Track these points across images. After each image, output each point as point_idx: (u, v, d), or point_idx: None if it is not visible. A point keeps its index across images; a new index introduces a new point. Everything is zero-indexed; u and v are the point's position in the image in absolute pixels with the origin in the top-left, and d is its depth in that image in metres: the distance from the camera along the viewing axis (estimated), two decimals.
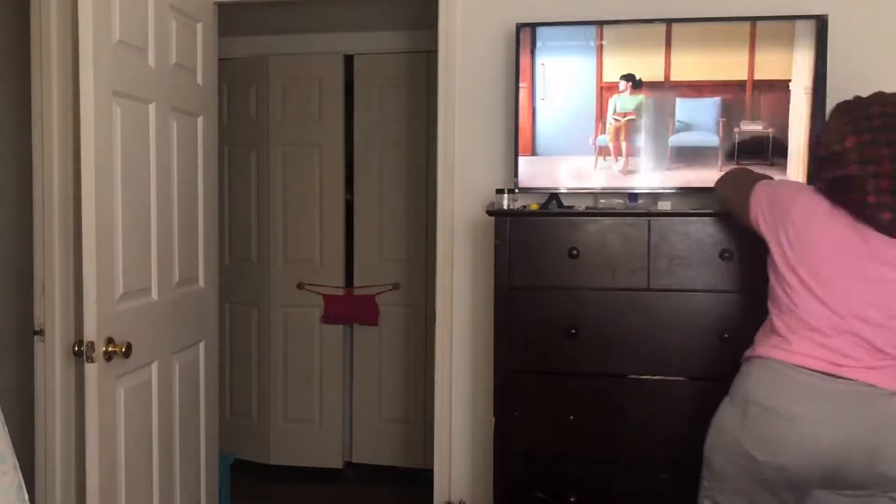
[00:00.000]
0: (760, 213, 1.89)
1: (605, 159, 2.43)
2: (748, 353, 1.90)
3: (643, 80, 2.39)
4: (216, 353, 2.84)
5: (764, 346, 1.85)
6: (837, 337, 1.75)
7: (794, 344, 1.79)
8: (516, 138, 2.47)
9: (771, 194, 1.91)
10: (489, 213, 2.36)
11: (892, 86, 2.44)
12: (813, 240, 1.80)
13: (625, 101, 2.41)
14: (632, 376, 2.26)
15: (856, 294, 1.75)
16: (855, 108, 1.80)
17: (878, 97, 1.82)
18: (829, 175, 1.79)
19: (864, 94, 2.39)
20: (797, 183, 1.95)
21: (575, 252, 2.25)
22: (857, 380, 1.73)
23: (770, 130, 2.35)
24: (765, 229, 1.88)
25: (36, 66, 2.61)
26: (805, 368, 1.76)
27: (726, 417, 1.85)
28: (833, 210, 1.79)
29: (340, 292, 3.97)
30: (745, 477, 1.80)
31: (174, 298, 2.46)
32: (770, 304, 1.89)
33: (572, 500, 2.27)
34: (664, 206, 2.40)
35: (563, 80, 2.44)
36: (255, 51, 3.97)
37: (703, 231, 2.21)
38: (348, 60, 3.93)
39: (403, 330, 3.96)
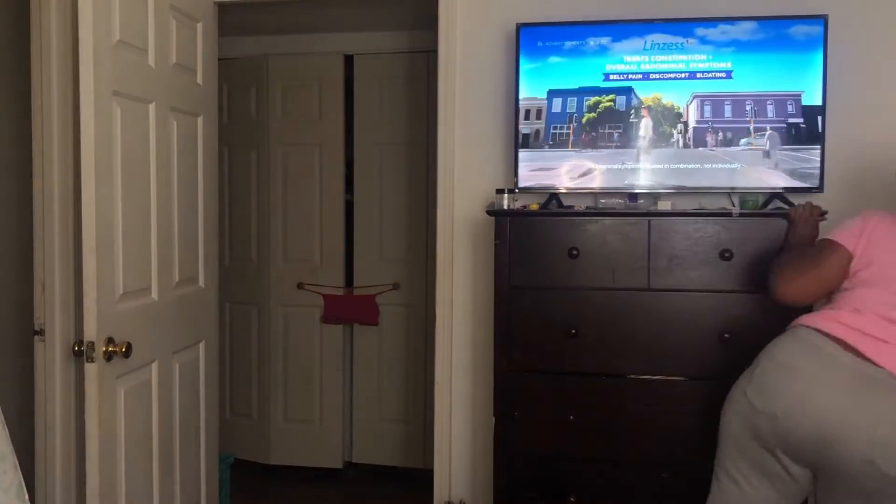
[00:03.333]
0: (845, 238, 1.89)
1: None
2: (795, 321, 1.90)
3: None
4: (216, 353, 2.84)
5: (809, 317, 1.86)
6: (875, 317, 1.76)
7: (831, 314, 1.81)
8: (516, 138, 2.47)
9: (841, 229, 1.92)
10: (489, 213, 2.36)
11: (892, 86, 2.45)
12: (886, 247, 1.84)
13: None
14: (632, 376, 2.26)
15: None
16: None
17: None
18: None
19: (864, 93, 2.40)
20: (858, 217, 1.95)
21: (575, 252, 2.25)
22: (881, 366, 1.71)
23: None
24: (857, 242, 1.89)
25: (36, 66, 2.61)
26: (834, 338, 1.75)
27: (739, 380, 1.87)
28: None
29: (340, 292, 3.97)
30: (748, 436, 1.80)
31: (174, 298, 2.46)
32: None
33: (572, 499, 2.27)
34: (664, 206, 2.40)
35: None
36: (255, 51, 3.96)
37: (703, 231, 2.21)
38: (348, 60, 3.93)
39: (403, 330, 3.96)
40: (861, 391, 1.70)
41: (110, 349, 2.06)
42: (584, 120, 2.44)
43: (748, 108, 2.37)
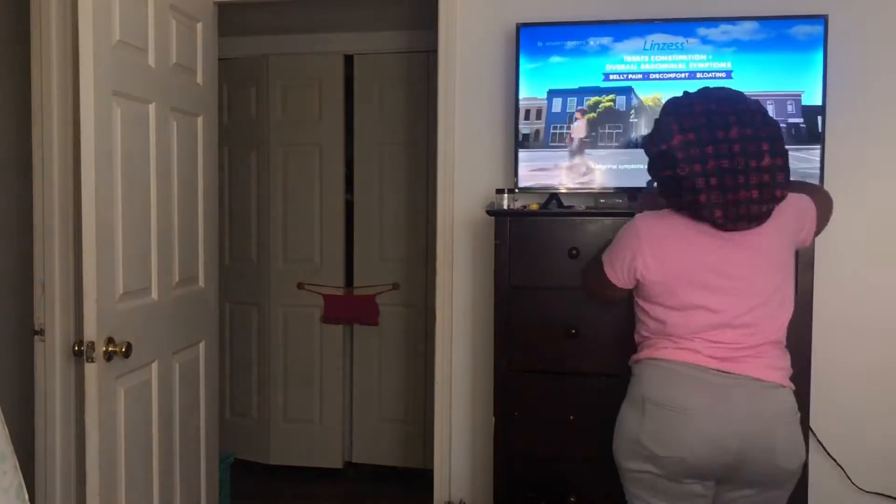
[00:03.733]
0: (619, 270, 1.90)
1: None
2: (634, 357, 1.94)
3: None
4: (216, 353, 2.84)
5: (649, 350, 1.88)
6: (717, 333, 1.79)
7: (679, 344, 1.82)
8: (516, 138, 2.47)
9: (613, 253, 1.92)
10: (489, 213, 2.36)
11: (892, 85, 2.45)
12: (669, 258, 1.83)
13: None
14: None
15: (723, 292, 1.80)
16: (680, 106, 1.81)
17: (703, 93, 1.83)
18: (660, 175, 1.82)
19: (864, 94, 2.40)
20: (627, 226, 1.94)
21: (575, 252, 2.25)
22: (742, 374, 1.77)
23: None
24: (625, 276, 1.89)
25: (36, 66, 2.61)
26: (694, 365, 1.79)
27: (626, 419, 1.87)
28: (674, 224, 1.83)
29: (340, 292, 3.97)
30: (651, 472, 1.81)
31: (174, 298, 2.46)
32: (639, 322, 1.94)
33: (572, 500, 2.27)
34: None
35: None
36: (255, 51, 3.96)
37: None
38: (348, 60, 3.93)
39: (403, 330, 3.96)
40: (747, 406, 1.76)
41: (110, 349, 2.06)
42: (584, 120, 2.44)
43: None
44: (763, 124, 1.75)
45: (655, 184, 1.90)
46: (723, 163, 1.71)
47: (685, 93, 1.86)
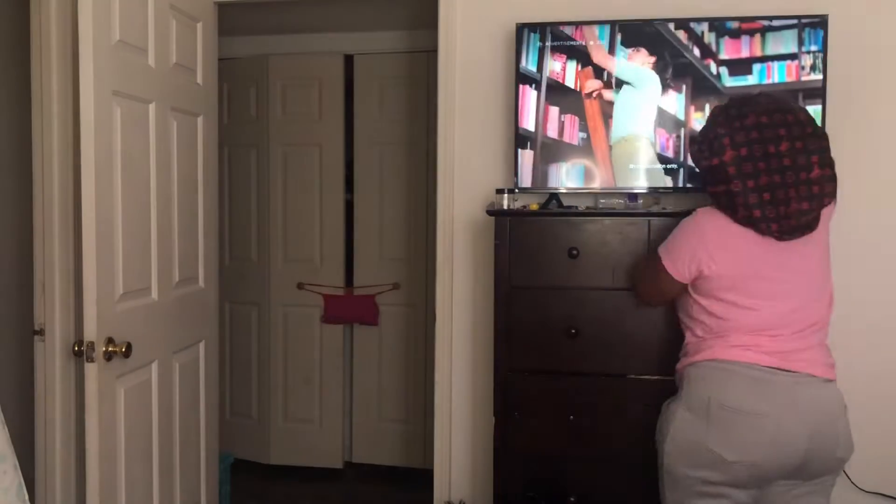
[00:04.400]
0: (680, 265, 1.92)
1: None
2: (686, 360, 1.95)
3: None
4: (216, 353, 2.84)
5: (707, 352, 1.89)
6: (775, 332, 1.83)
7: (736, 343, 1.84)
8: (516, 138, 2.47)
9: (674, 245, 1.95)
10: (489, 213, 2.36)
11: (892, 85, 2.45)
12: (736, 250, 1.85)
13: None
14: (632, 376, 2.26)
15: (780, 292, 1.85)
16: (731, 118, 1.83)
17: (753, 103, 1.84)
18: (712, 189, 1.86)
19: (864, 94, 2.40)
20: (687, 221, 1.97)
21: (575, 252, 2.25)
22: (800, 372, 1.80)
23: None
24: (686, 269, 1.91)
25: (36, 66, 2.61)
26: (754, 365, 1.81)
27: (686, 425, 1.86)
28: (732, 223, 1.86)
29: (340, 292, 3.97)
30: (714, 480, 1.81)
31: (174, 298, 2.46)
32: (694, 322, 1.95)
33: (572, 500, 2.27)
34: (665, 206, 2.40)
35: None
36: (255, 51, 3.97)
37: None
38: (348, 60, 3.93)
39: (403, 330, 3.96)
40: (816, 404, 1.80)
41: (110, 349, 2.06)
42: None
43: None
44: (812, 136, 1.79)
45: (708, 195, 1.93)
46: (775, 178, 1.75)
47: (733, 101, 1.88)
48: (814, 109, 2.26)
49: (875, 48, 2.44)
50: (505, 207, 2.36)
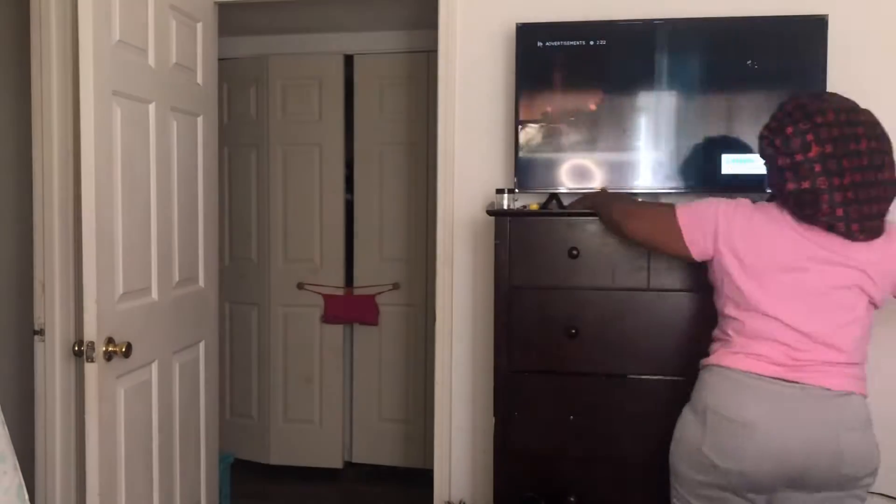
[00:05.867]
0: (702, 235, 1.88)
1: None
2: (704, 360, 1.92)
3: None
4: (216, 353, 2.84)
5: (717, 355, 1.87)
6: (786, 339, 1.78)
7: (745, 349, 1.81)
8: (516, 138, 2.47)
9: (698, 206, 1.90)
10: (489, 213, 2.36)
11: (892, 86, 2.45)
12: (763, 252, 1.81)
13: None
14: (632, 376, 2.26)
15: (799, 298, 1.78)
16: (812, 113, 1.75)
17: (829, 101, 1.79)
18: (792, 187, 1.76)
19: (864, 94, 2.39)
20: (724, 201, 1.91)
21: (575, 252, 2.25)
22: (811, 384, 1.76)
23: None
24: (708, 248, 1.87)
25: (36, 66, 2.61)
26: (760, 375, 1.78)
27: (688, 426, 1.87)
28: (770, 220, 1.81)
29: (340, 292, 3.97)
30: (710, 483, 1.81)
31: (174, 298, 2.46)
32: (721, 312, 1.91)
33: (572, 500, 2.27)
34: None
35: None
36: (255, 51, 3.97)
37: None
38: (348, 60, 3.93)
39: (403, 330, 3.96)
40: (812, 417, 1.75)
41: (110, 349, 2.06)
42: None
43: None
44: (883, 136, 1.77)
45: (772, 193, 1.86)
46: (856, 177, 1.71)
47: (808, 96, 1.82)
48: None
49: (875, 48, 2.44)
50: (505, 207, 2.35)
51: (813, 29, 2.31)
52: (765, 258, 1.81)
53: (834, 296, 1.79)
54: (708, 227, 1.87)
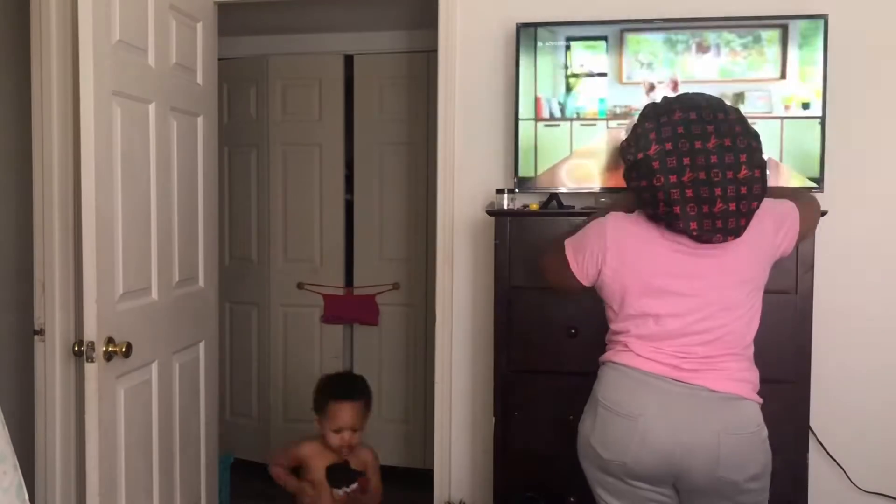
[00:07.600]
0: (581, 262, 1.86)
1: None
2: (601, 357, 1.91)
3: None
4: (216, 353, 2.84)
5: (611, 352, 1.87)
6: (674, 343, 1.77)
7: (636, 350, 1.80)
8: (516, 138, 2.47)
9: (579, 240, 1.88)
10: (489, 213, 2.36)
11: (892, 86, 2.45)
12: (628, 263, 1.80)
13: None
14: None
15: (682, 302, 1.77)
16: (659, 113, 1.76)
17: (682, 100, 1.79)
18: (635, 184, 1.78)
19: (864, 94, 2.40)
20: (597, 221, 1.89)
21: None
22: (696, 384, 1.75)
23: None
24: (587, 269, 1.86)
25: (36, 66, 2.61)
26: (649, 373, 1.77)
27: (583, 420, 1.88)
28: (641, 229, 1.80)
29: (340, 292, 3.97)
30: (608, 473, 1.82)
31: (174, 298, 2.46)
32: (610, 315, 1.89)
33: (572, 500, 2.27)
34: None
35: None
36: (255, 51, 3.96)
37: None
38: (348, 60, 3.93)
39: (403, 330, 3.96)
40: (694, 416, 1.74)
41: (110, 349, 2.06)
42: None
43: None
44: (742, 134, 1.72)
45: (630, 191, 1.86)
46: (700, 174, 1.68)
47: (664, 98, 1.83)
48: (814, 109, 2.26)
49: (875, 48, 2.44)
50: (505, 207, 2.36)
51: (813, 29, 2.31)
52: (646, 264, 1.79)
53: (714, 295, 1.77)
54: (593, 249, 1.84)
